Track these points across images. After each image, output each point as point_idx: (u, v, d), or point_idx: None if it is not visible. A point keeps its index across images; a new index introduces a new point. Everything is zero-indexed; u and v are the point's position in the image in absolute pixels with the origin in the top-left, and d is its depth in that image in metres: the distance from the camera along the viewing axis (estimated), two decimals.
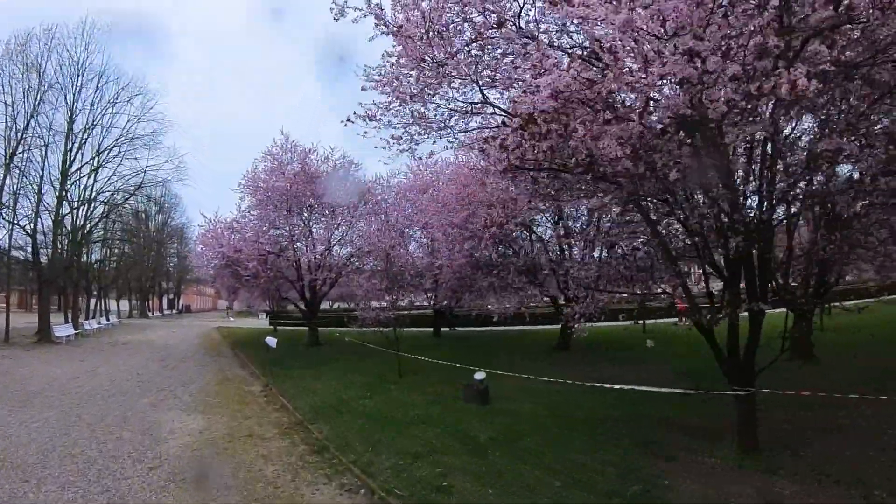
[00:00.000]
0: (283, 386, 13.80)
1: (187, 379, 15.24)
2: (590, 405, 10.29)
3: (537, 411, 10.20)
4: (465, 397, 11.41)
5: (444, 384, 13.20)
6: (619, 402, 10.09)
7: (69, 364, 18.10)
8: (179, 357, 20.58)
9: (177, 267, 70.98)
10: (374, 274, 16.01)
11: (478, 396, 11.20)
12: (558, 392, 11.20)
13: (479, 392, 11.27)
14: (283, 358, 19.18)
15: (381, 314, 15.04)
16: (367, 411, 10.81)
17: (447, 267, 17.42)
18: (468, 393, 11.44)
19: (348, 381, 14.35)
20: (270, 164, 22.25)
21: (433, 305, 24.43)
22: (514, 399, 11.22)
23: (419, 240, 20.71)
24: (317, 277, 21.89)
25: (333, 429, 9.47)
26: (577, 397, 10.76)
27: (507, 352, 19.99)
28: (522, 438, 8.56)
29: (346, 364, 17.38)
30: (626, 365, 15.09)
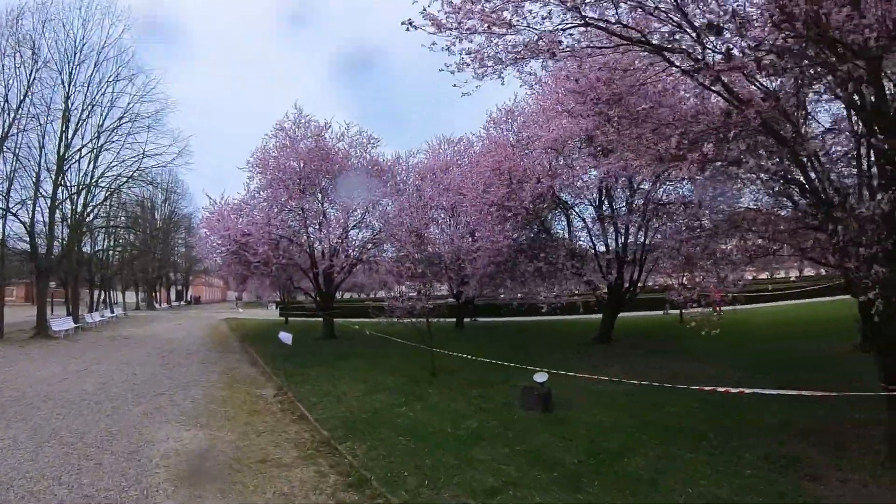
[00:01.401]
0: (300, 389, 11.86)
1: (190, 380, 13.30)
2: (675, 410, 8.94)
3: (618, 420, 8.61)
4: (523, 403, 9.66)
5: (488, 386, 11.55)
6: (707, 406, 9.03)
7: (61, 362, 16.24)
8: (183, 353, 18.68)
9: (184, 257, 69.44)
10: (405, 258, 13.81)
11: (539, 403, 9.42)
12: (627, 395, 9.96)
13: (540, 397, 9.45)
14: (296, 353, 17.24)
15: (418, 304, 12.98)
16: (407, 424, 8.92)
17: (487, 250, 15.34)
18: (527, 398, 9.63)
19: (376, 382, 12.43)
20: (282, 141, 20.24)
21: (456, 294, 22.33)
22: (580, 404, 9.68)
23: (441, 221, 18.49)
24: (333, 265, 19.88)
25: (370, 450, 7.52)
26: (652, 400, 9.47)
27: (542, 345, 18.24)
28: (620, 459, 6.84)
29: (368, 361, 15.47)
30: (682, 359, 13.97)
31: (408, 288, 13.53)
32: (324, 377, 13.19)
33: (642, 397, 9.63)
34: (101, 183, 29.68)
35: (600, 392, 10.36)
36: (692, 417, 8.50)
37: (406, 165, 23.45)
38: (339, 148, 20.66)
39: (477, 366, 12.93)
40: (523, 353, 15.59)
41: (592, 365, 13.11)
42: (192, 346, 20.82)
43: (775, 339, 16.47)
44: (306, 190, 19.77)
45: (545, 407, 9.37)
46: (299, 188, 19.65)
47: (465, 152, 24.22)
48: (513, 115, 20.06)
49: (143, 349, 19.75)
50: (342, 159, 20.56)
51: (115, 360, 16.83)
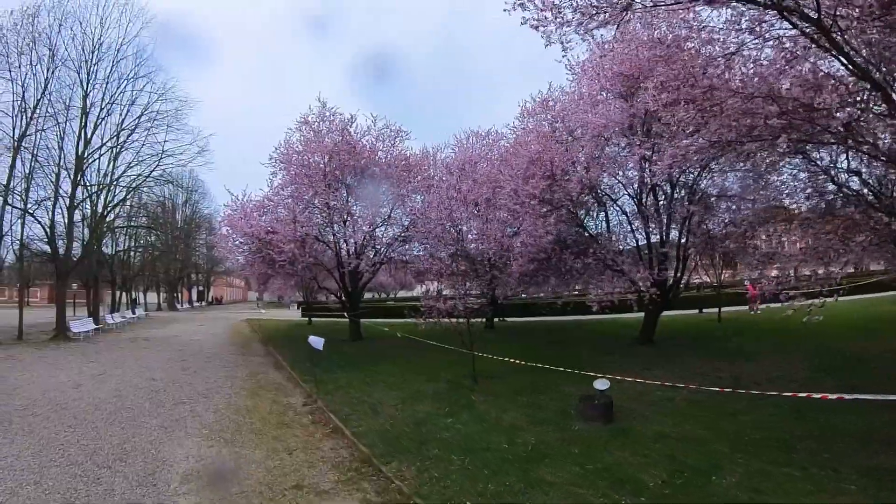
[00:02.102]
0: (331, 397, 10.84)
1: (211, 387, 12.34)
2: (751, 419, 8.23)
3: (691, 431, 7.79)
4: (581, 414, 8.69)
5: (537, 393, 10.66)
6: (782, 412, 8.34)
7: (77, 366, 15.42)
8: (204, 356, 17.78)
9: (206, 258, 69.24)
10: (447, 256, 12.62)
11: (600, 413, 8.49)
12: (691, 402, 9.25)
13: (601, 407, 8.53)
14: (324, 356, 16.24)
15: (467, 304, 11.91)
16: (457, 438, 7.89)
17: (530, 245, 14.17)
18: (586, 408, 8.66)
19: (413, 389, 11.39)
20: (306, 135, 19.28)
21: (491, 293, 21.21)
22: (643, 414, 8.85)
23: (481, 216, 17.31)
24: (360, 262, 18.87)
25: (421, 472, 6.50)
26: (719, 407, 8.83)
27: (580, 347, 17.16)
28: (707, 478, 6.00)
29: (401, 365, 14.45)
30: (735, 361, 13.11)
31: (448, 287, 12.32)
32: (356, 383, 12.17)
33: (708, 404, 8.96)
34: (121, 182, 29.07)
35: (659, 399, 9.65)
36: (771, 426, 7.76)
37: (433, 160, 22.38)
38: (366, 142, 19.63)
39: (519, 370, 11.99)
40: (563, 355, 14.76)
41: (641, 368, 12.38)
42: (213, 349, 19.95)
43: (827, 337, 15.46)
44: (331, 186, 18.74)
45: (607, 418, 8.43)
46: (324, 184, 18.64)
47: (494, 146, 23.30)
48: (547, 104, 18.91)
49: (164, 352, 18.92)
50: (369, 154, 19.54)
51: (134, 364, 15.97)
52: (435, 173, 21.40)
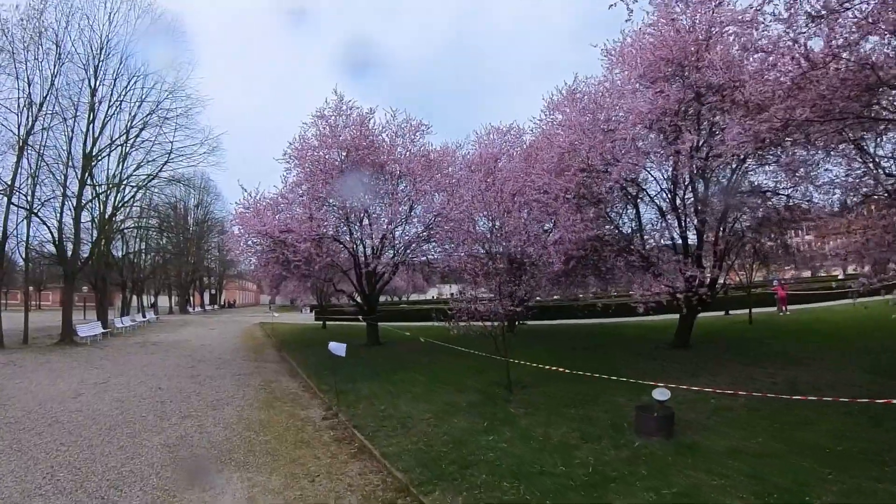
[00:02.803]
0: (354, 410, 9.76)
1: (222, 397, 11.30)
2: (827, 428, 7.38)
3: (764, 445, 6.94)
4: (639, 428, 7.71)
5: (581, 404, 9.52)
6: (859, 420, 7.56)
7: (79, 374, 14.47)
8: (215, 362, 16.78)
9: (218, 261, 68.70)
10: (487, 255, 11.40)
11: (661, 427, 7.51)
12: (751, 410, 8.46)
13: (662, 420, 7.54)
14: (342, 363, 15.19)
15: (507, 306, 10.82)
16: (504, 460, 6.83)
17: (568, 243, 13.03)
18: (644, 421, 7.66)
19: (443, 400, 10.30)
20: (322, 130, 18.25)
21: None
22: (704, 425, 7.95)
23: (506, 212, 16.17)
24: (381, 263, 17.83)
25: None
26: (784, 416, 7.99)
27: (612, 351, 16.03)
28: (800, 500, 5.25)
29: (426, 373, 13.39)
30: (782, 364, 12.19)
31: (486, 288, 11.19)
32: (379, 394, 11.09)
33: (770, 412, 8.20)
34: (130, 182, 28.26)
35: (716, 408, 8.75)
36: (851, 436, 7.02)
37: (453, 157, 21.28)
38: (385, 137, 18.60)
39: (555, 378, 11.05)
40: (596, 360, 13.90)
41: (686, 374, 11.55)
42: (224, 354, 18.96)
43: (870, 338, 14.66)
44: (351, 179, 17.68)
45: (668, 431, 7.45)
46: (342, 179, 17.60)
47: (517, 141, 22.33)
48: (574, 95, 17.79)
49: (172, 357, 17.96)
50: (389, 149, 18.49)
51: (140, 370, 15.01)
52: (454, 171, 20.31)
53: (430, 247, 19.32)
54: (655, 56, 13.52)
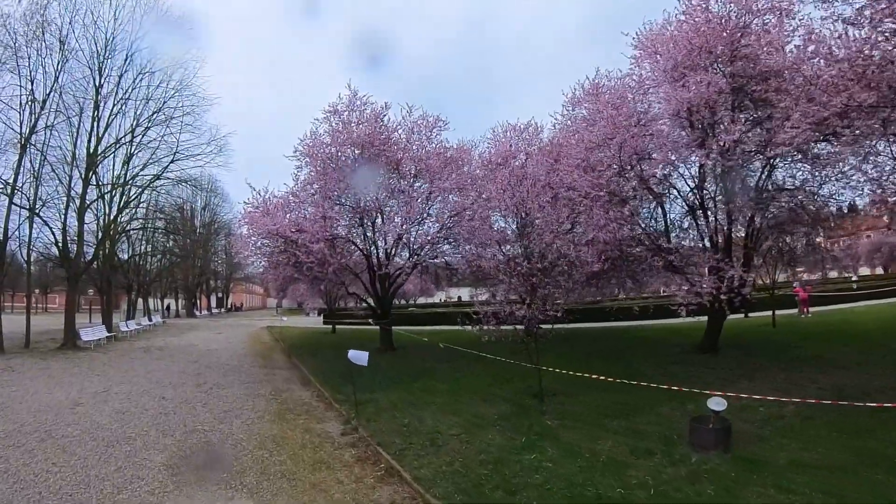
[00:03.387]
0: (375, 424, 8.90)
1: (230, 409, 10.45)
2: None
3: (831, 457, 6.36)
4: (695, 441, 7.03)
5: (622, 415, 8.79)
6: None
7: (80, 381, 13.67)
8: (222, 369, 15.94)
9: (225, 264, 68.17)
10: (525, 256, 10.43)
11: (718, 440, 6.86)
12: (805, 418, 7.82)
13: (719, 432, 6.89)
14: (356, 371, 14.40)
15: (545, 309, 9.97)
16: (556, 483, 6.06)
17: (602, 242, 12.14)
18: (700, 435, 6.99)
19: (471, 412, 9.47)
20: (334, 126, 17.41)
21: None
22: (759, 436, 7.33)
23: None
24: (395, 264, 16.99)
25: None
26: (842, 424, 7.39)
27: (637, 356, 15.20)
28: None
29: (447, 381, 12.57)
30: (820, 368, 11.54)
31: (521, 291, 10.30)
32: (401, 405, 10.23)
33: (824, 420, 7.65)
34: (136, 183, 27.55)
35: (766, 416, 8.13)
36: None
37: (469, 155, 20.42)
38: (401, 133, 17.75)
39: (588, 385, 10.32)
40: (622, 365, 13.36)
41: (722, 379, 10.93)
42: (232, 360, 18.14)
43: None
44: (364, 176, 16.83)
45: (725, 445, 6.82)
46: (356, 177, 16.77)
47: (534, 139, 21.54)
48: (599, 89, 16.96)
49: (178, 363, 17.15)
50: (405, 146, 17.66)
51: (144, 377, 14.19)
52: (471, 170, 19.44)
53: (447, 248, 18.43)
54: (691, 45, 12.71)
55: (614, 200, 12.58)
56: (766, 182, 13.76)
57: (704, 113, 12.29)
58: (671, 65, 13.13)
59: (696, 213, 14.26)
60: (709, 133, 12.75)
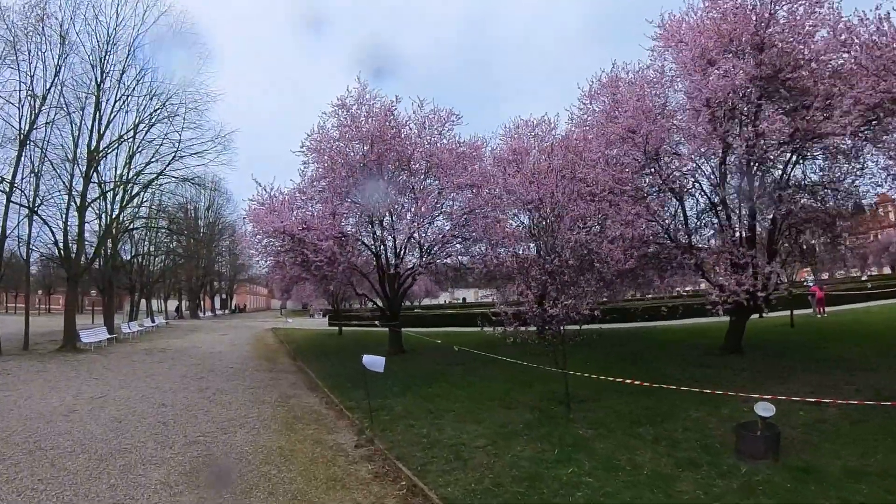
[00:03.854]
0: (391, 434, 8.20)
1: (234, 416, 9.75)
2: None
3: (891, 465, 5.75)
4: (741, 450, 6.47)
5: (659, 421, 8.16)
6: None
7: (77, 385, 13.02)
8: (225, 373, 15.26)
9: (229, 265, 67.65)
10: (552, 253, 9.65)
11: (767, 448, 6.33)
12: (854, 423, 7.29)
13: (768, 439, 6.35)
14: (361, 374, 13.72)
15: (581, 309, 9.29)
16: (597, 501, 5.40)
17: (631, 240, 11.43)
18: (748, 443, 6.43)
19: (495, 421, 8.76)
20: (343, 120, 16.72)
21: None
22: (807, 442, 6.82)
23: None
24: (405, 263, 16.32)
25: None
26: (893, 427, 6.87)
27: (657, 357, 14.63)
28: None
29: (462, 386, 11.88)
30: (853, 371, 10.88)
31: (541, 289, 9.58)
32: (416, 413, 9.52)
33: (872, 424, 7.10)
34: (138, 181, 26.96)
35: (808, 421, 7.55)
36: None
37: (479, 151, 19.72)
38: (412, 127, 17.05)
39: (610, 390, 9.72)
40: (643, 368, 12.74)
41: (752, 382, 10.31)
42: (236, 363, 17.46)
43: None
44: (372, 177, 16.10)
45: (774, 452, 6.28)
46: (365, 174, 16.06)
47: (548, 135, 20.87)
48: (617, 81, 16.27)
49: (180, 366, 16.49)
50: (416, 141, 16.96)
51: (143, 382, 13.53)
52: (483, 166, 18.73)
53: (461, 247, 17.71)
54: (720, 31, 12.05)
55: (638, 196, 11.91)
56: (788, 177, 13.23)
57: (736, 100, 11.60)
58: (698, 52, 12.44)
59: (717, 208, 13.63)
60: (741, 123, 12.07)
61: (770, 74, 11.51)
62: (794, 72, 11.34)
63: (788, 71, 11.38)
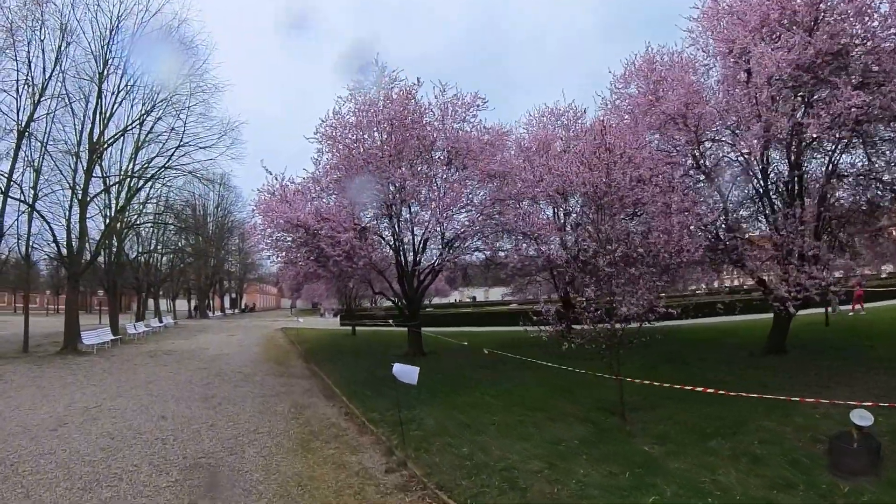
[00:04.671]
0: (427, 454, 7.02)
1: (242, 432, 8.52)
2: None
3: None
4: (837, 465, 5.64)
5: (728, 434, 7.14)
6: None
7: (71, 393, 11.87)
8: (234, 377, 14.05)
9: (238, 264, 66.74)
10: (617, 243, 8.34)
11: (866, 462, 5.50)
12: None
13: (867, 453, 5.54)
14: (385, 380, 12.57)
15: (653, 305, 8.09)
16: None
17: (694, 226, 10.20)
18: (845, 457, 5.63)
19: (545, 436, 7.69)
20: (360, 105, 15.46)
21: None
22: None
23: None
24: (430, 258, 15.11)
25: None
26: None
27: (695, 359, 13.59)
28: None
29: (498, 392, 10.79)
30: None
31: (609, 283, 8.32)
32: (451, 426, 8.30)
33: None
34: (144, 175, 25.85)
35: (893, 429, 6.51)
36: None
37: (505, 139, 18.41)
38: (434, 112, 15.73)
39: (661, 396, 8.85)
40: (685, 370, 11.93)
41: (810, 386, 9.52)
42: (245, 367, 16.24)
43: None
44: (392, 166, 14.79)
45: (875, 469, 5.48)
46: (386, 161, 14.77)
47: (573, 124, 19.60)
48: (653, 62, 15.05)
49: (185, 371, 15.32)
50: (440, 126, 15.69)
51: (144, 389, 12.35)
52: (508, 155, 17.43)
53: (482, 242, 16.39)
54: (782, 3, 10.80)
55: (694, 181, 10.65)
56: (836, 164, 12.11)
57: (805, 77, 10.28)
58: (757, 22, 11.14)
59: (771, 196, 12.39)
60: (806, 101, 10.77)
61: (837, 49, 10.22)
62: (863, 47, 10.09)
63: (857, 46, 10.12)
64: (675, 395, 8.52)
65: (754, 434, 6.99)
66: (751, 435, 6.97)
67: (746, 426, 7.33)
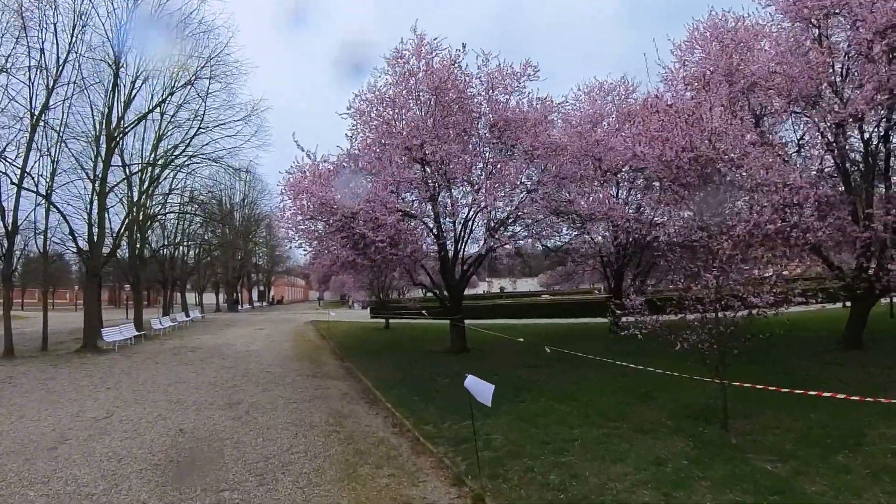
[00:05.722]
0: (507, 484, 5.58)
1: (272, 453, 7.00)
2: None
3: None
4: None
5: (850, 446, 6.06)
6: None
7: (82, 399, 10.59)
8: (262, 379, 12.63)
9: (266, 256, 66.11)
10: None
11: None
12: None
13: None
14: (428, 381, 11.15)
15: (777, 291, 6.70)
16: None
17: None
18: None
19: (641, 453, 6.29)
20: (398, 78, 13.89)
21: None
22: None
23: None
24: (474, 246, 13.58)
25: None
26: None
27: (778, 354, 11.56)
28: None
29: (565, 397, 9.40)
30: None
31: None
32: (526, 443, 6.79)
33: None
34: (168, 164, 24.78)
35: None
36: None
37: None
38: (481, 80, 14.09)
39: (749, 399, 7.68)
40: (767, 366, 10.50)
41: None
42: (273, 366, 14.82)
43: None
44: (437, 142, 13.15)
45: None
46: (429, 138, 13.17)
47: (626, 99, 18.14)
48: (718, 31, 13.47)
49: (209, 371, 13.99)
50: (488, 97, 14.07)
51: (163, 394, 10.99)
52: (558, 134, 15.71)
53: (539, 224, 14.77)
54: None
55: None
56: None
57: None
58: None
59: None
60: None
61: None
62: None
63: None
64: (765, 398, 7.39)
65: (881, 445, 6.02)
66: (877, 446, 6.00)
67: (867, 436, 6.33)
